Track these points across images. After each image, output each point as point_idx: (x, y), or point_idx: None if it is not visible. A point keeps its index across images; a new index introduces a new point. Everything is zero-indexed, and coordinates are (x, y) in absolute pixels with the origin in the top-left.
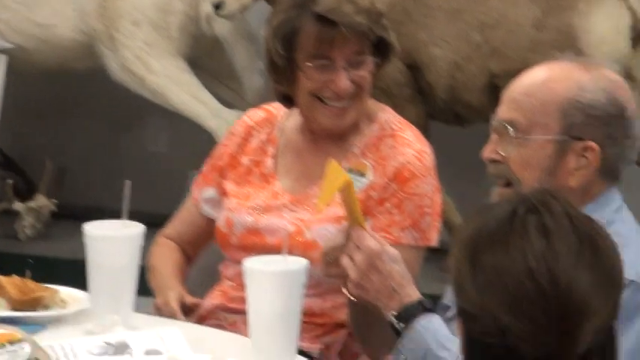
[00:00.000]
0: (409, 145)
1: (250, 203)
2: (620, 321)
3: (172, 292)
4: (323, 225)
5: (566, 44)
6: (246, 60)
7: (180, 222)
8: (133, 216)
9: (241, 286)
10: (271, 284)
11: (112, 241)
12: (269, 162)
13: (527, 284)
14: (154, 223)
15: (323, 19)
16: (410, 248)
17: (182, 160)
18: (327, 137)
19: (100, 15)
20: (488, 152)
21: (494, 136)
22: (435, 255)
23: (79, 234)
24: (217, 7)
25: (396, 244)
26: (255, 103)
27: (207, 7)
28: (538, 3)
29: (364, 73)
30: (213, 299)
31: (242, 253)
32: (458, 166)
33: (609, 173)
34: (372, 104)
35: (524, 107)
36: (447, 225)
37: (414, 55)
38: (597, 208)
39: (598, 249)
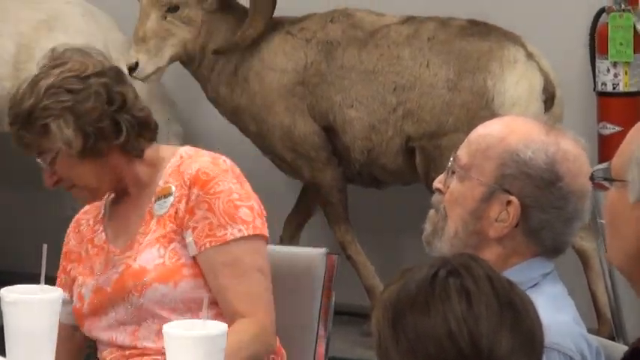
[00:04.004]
0: (204, 156)
1: (94, 271)
2: None
3: None
4: (146, 250)
5: (480, 106)
6: (162, 122)
7: None
8: (51, 281)
9: (118, 347)
10: (192, 349)
11: (29, 306)
12: (100, 235)
13: (449, 347)
14: None
15: None
16: (240, 241)
17: None
18: (128, 193)
19: (15, 78)
20: (437, 182)
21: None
22: (356, 319)
23: None
24: (132, 69)
25: (226, 244)
26: None
27: (122, 69)
28: (451, 65)
29: (58, 167)
30: None
31: (94, 318)
32: (377, 229)
33: (534, 238)
34: (164, 150)
35: (472, 147)
36: (367, 289)
37: (329, 117)
38: (520, 271)
39: (519, 312)
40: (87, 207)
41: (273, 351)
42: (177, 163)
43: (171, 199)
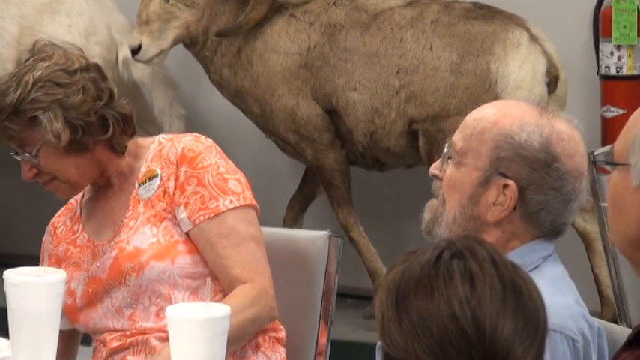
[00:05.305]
0: (185, 136)
1: (80, 265)
2: None
3: None
4: (138, 231)
5: (483, 89)
6: (165, 105)
7: None
8: None
9: (118, 330)
10: (195, 332)
11: (32, 288)
12: (82, 235)
13: (452, 329)
14: None
15: None
16: (233, 212)
17: None
18: (109, 185)
19: (18, 60)
20: (433, 168)
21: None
22: (359, 302)
23: (0, 281)
24: (135, 51)
25: (219, 215)
26: None
27: (125, 52)
28: (455, 47)
29: (42, 160)
30: None
31: (89, 309)
32: (380, 212)
33: (532, 221)
34: (142, 139)
35: (467, 131)
36: (370, 271)
37: (332, 100)
38: (521, 254)
39: (522, 295)
40: (60, 211)
41: (276, 315)
42: (157, 148)
43: (157, 180)
